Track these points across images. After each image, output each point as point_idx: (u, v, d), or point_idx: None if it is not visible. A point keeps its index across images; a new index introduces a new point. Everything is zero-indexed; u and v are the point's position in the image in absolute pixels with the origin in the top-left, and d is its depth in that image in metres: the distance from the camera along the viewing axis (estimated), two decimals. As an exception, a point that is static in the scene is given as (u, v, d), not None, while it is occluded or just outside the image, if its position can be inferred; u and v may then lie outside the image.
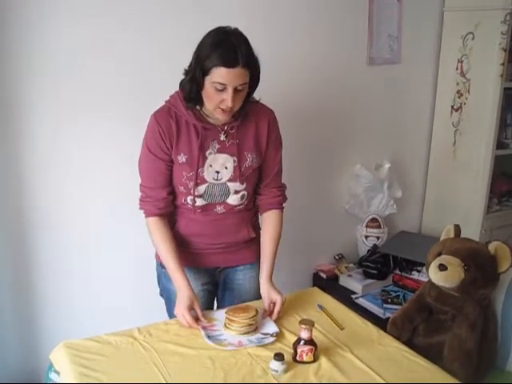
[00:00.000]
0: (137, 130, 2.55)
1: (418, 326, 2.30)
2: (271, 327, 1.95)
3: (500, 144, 3.40)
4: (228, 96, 1.85)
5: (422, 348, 2.05)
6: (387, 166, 3.44)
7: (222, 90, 1.85)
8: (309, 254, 3.38)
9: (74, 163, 2.62)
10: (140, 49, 2.62)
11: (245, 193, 2.09)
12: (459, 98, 3.44)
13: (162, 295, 2.29)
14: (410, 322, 2.30)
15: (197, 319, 1.97)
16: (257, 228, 2.25)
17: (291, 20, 2.97)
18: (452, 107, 3.49)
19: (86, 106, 2.57)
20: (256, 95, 2.06)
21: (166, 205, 2.07)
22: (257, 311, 1.93)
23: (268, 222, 2.18)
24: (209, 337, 1.86)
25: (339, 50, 3.19)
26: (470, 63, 3.34)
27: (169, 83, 2.05)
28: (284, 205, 2.21)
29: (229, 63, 1.80)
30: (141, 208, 2.09)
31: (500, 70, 3.19)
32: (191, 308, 1.97)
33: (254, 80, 1.93)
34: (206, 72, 1.84)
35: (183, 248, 2.12)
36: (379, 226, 3.46)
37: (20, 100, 2.45)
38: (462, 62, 3.38)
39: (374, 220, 3.46)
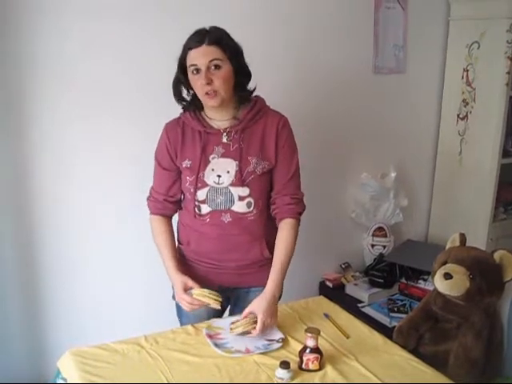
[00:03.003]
0: (141, 130, 2.59)
1: (424, 334, 2.30)
2: (276, 333, 1.96)
3: (506, 152, 3.39)
4: (201, 75, 1.90)
5: (427, 356, 2.05)
6: (393, 174, 3.44)
7: (198, 73, 1.92)
8: (315, 263, 3.38)
9: (79, 164, 2.65)
10: (148, 50, 2.65)
11: (251, 200, 2.05)
12: (465, 106, 3.44)
13: (173, 299, 2.29)
14: (416, 331, 2.30)
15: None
16: (273, 249, 2.14)
17: (297, 29, 2.99)
18: (458, 116, 3.49)
19: (89, 106, 2.59)
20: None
21: (163, 207, 2.14)
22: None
23: (279, 232, 2.10)
24: (216, 345, 1.87)
25: (345, 59, 3.20)
26: (476, 72, 3.34)
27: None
28: (300, 215, 2.13)
29: (194, 43, 1.90)
30: (147, 205, 2.19)
31: (505, 78, 3.19)
32: (187, 288, 2.01)
33: (235, 63, 1.95)
34: (183, 61, 1.95)
35: (195, 267, 2.14)
36: (385, 235, 3.46)
37: (24, 100, 2.48)
38: (467, 70, 3.39)
39: (380, 229, 3.46)
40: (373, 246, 3.46)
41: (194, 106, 2.05)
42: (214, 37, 1.91)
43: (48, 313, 2.73)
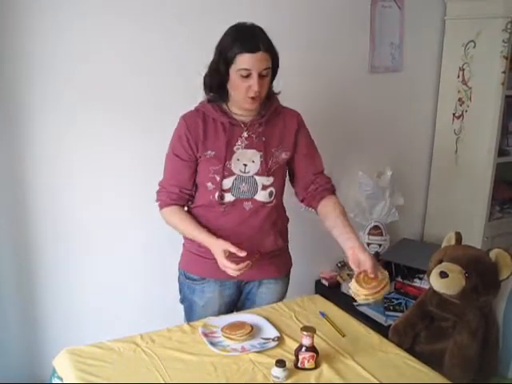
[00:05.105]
0: (141, 128, 2.58)
1: (420, 333, 2.30)
2: (271, 332, 1.96)
3: (501, 151, 3.41)
4: (254, 81, 1.91)
5: (423, 355, 2.05)
6: (389, 173, 3.44)
7: (247, 77, 1.91)
8: (311, 262, 3.38)
9: (78, 163, 2.65)
10: (148, 48, 2.65)
11: (272, 189, 2.10)
12: (461, 105, 3.45)
13: (182, 303, 2.30)
14: (412, 329, 2.30)
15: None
16: (285, 238, 2.27)
17: (293, 30, 2.99)
18: (454, 115, 3.50)
19: (88, 106, 2.59)
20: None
21: (178, 197, 2.10)
22: (252, 327, 1.94)
23: (331, 204, 2.13)
24: (212, 343, 1.87)
25: (341, 58, 3.20)
26: (472, 71, 3.35)
27: (176, 84, 2.07)
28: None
29: (251, 48, 1.89)
30: (156, 199, 2.14)
31: (501, 77, 3.20)
32: (227, 254, 1.95)
33: (274, 68, 1.99)
34: (230, 62, 1.92)
35: (209, 260, 2.08)
36: (381, 234, 3.46)
37: (23, 101, 2.48)
38: (463, 69, 3.40)
39: (376, 227, 3.46)
40: (369, 244, 3.46)
41: (220, 99, 2.05)
42: (267, 44, 1.93)
43: (44, 312, 2.73)
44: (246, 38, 1.91)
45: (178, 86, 2.71)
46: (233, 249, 1.95)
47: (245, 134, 2.05)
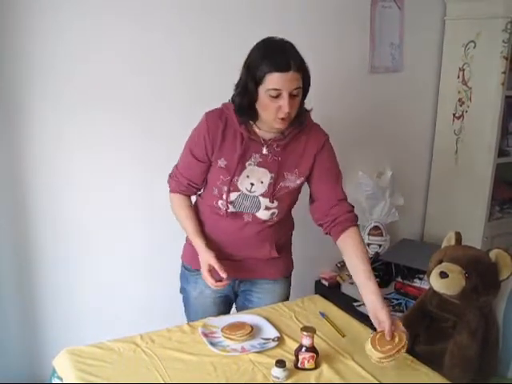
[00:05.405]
0: (140, 128, 2.57)
1: (420, 333, 2.30)
2: (271, 332, 1.96)
3: (501, 152, 3.41)
4: (284, 102, 1.82)
5: (423, 355, 2.04)
6: (389, 173, 3.44)
7: (277, 97, 1.83)
8: (311, 262, 3.38)
9: (77, 162, 2.64)
10: (148, 49, 2.65)
11: (275, 211, 2.07)
12: (461, 106, 3.45)
13: (181, 292, 2.32)
14: (412, 330, 2.29)
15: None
16: (284, 249, 2.24)
17: (293, 29, 2.98)
18: (454, 115, 3.50)
19: (88, 106, 2.59)
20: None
21: (186, 189, 2.12)
22: (252, 328, 1.93)
23: (352, 242, 2.01)
24: (212, 343, 1.87)
25: (341, 59, 3.20)
26: (472, 71, 3.35)
27: (176, 84, 2.05)
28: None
29: (282, 68, 1.80)
30: (167, 181, 2.17)
31: (501, 78, 3.20)
32: (211, 268, 1.98)
33: (305, 86, 1.91)
34: (259, 81, 1.83)
35: None
36: (381, 234, 3.45)
37: (23, 101, 2.48)
38: (463, 70, 3.40)
39: (376, 228, 3.46)
40: (369, 244, 3.46)
41: (248, 116, 1.97)
42: (299, 62, 1.84)
43: (44, 312, 2.73)
44: (275, 55, 1.82)
45: (178, 86, 2.71)
46: (216, 266, 1.96)
47: (264, 151, 1.99)
